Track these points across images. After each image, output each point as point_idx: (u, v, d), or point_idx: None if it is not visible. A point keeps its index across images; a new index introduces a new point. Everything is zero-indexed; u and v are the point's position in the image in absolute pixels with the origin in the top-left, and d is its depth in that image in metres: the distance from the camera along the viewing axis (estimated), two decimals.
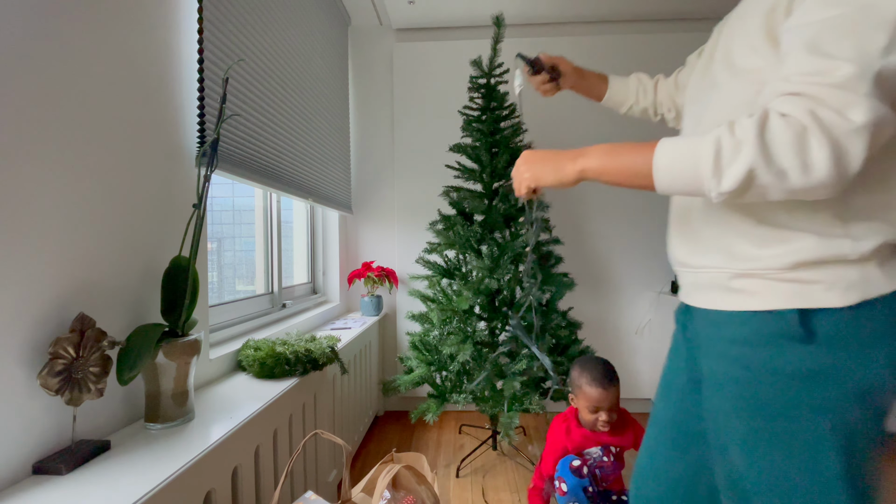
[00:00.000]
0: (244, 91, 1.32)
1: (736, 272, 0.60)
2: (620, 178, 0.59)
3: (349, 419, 1.78)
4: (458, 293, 1.78)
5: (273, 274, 1.83)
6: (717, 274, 0.62)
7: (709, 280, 0.64)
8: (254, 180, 1.35)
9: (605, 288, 2.47)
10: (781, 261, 0.56)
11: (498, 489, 1.71)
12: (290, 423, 1.15)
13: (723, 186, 0.50)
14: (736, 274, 0.60)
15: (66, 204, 0.75)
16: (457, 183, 2.49)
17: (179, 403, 0.88)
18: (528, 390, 1.65)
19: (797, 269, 0.55)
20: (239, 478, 0.89)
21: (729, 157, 0.49)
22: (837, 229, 0.54)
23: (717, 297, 0.63)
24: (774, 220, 0.57)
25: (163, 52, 0.98)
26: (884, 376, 0.52)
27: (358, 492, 0.98)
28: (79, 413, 0.77)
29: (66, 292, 0.74)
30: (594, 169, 0.61)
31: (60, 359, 0.68)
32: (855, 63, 0.44)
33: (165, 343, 0.85)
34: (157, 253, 0.96)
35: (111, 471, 0.69)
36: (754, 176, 0.48)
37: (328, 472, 1.46)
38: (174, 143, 1.02)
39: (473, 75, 1.90)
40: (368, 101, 2.57)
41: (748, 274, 0.59)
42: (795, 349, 0.54)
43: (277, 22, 1.57)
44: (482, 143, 1.88)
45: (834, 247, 0.53)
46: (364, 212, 2.58)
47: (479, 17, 2.42)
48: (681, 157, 0.53)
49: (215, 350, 1.26)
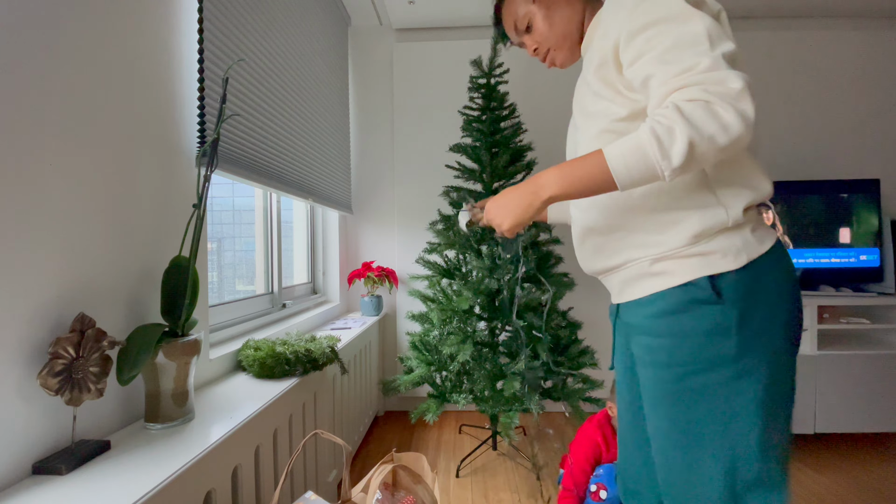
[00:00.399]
0: (244, 91, 1.32)
1: (653, 257, 0.71)
2: (583, 191, 0.67)
3: (349, 419, 1.78)
4: (458, 293, 1.78)
5: (273, 274, 1.83)
6: (640, 264, 0.73)
7: (635, 272, 0.75)
8: (254, 180, 1.35)
9: (605, 288, 2.47)
10: (680, 239, 0.68)
11: (498, 489, 1.71)
12: (290, 423, 1.15)
13: (673, 163, 0.59)
14: (653, 259, 0.71)
15: (66, 204, 0.75)
16: (457, 183, 2.49)
17: (179, 403, 0.88)
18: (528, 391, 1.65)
19: (696, 243, 0.68)
20: (239, 478, 0.89)
21: (668, 140, 0.58)
22: (711, 199, 0.68)
23: (644, 284, 0.74)
24: (664, 206, 0.70)
25: (163, 52, 0.98)
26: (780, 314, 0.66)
27: (358, 492, 0.98)
28: (79, 413, 0.77)
29: (66, 292, 0.74)
30: (558, 194, 0.68)
31: (60, 359, 0.68)
32: (706, 56, 0.58)
33: (165, 343, 0.85)
34: (157, 253, 0.96)
35: (111, 471, 0.69)
36: (694, 146, 0.58)
37: (328, 472, 1.46)
38: (174, 143, 1.02)
39: (473, 75, 1.90)
40: (368, 101, 2.57)
41: (662, 257, 0.70)
42: (709, 310, 0.66)
43: (277, 22, 1.57)
44: (482, 143, 1.88)
45: (713, 216, 0.67)
46: (364, 212, 2.58)
47: (479, 17, 2.42)
48: (628, 153, 0.61)
49: (215, 350, 1.26)
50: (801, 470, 1.85)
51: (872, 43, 2.44)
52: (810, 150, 2.47)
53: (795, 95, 2.47)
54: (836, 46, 2.45)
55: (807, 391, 2.02)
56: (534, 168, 1.96)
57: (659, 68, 0.62)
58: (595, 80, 0.74)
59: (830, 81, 2.46)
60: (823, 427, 2.01)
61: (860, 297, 2.08)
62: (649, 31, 0.63)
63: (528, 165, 1.91)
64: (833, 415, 2.02)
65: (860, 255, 2.18)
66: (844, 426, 2.02)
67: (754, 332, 0.65)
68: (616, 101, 0.72)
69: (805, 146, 2.47)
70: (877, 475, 1.80)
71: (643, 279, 0.74)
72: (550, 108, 2.45)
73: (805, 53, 2.46)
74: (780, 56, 2.46)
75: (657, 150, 0.59)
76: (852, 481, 1.75)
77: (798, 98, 2.47)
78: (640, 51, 0.64)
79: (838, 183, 2.21)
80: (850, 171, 2.45)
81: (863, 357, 2.02)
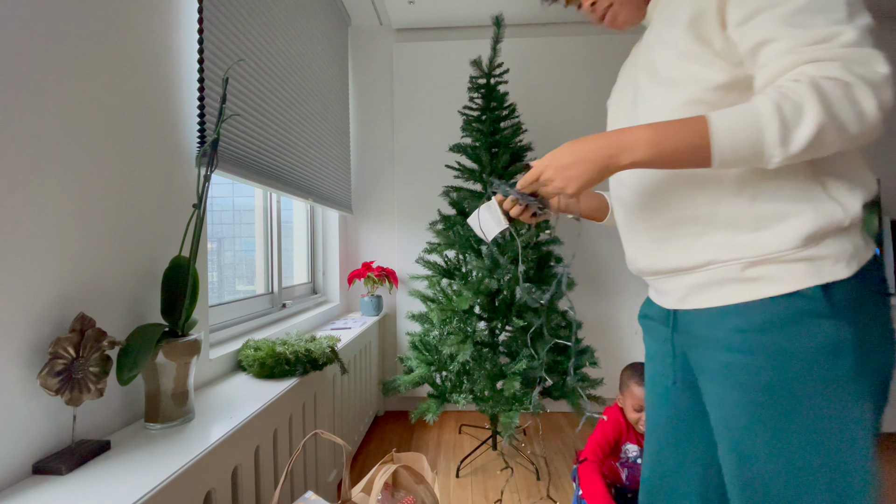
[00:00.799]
0: (244, 91, 1.32)
1: (748, 261, 0.60)
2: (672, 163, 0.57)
3: (349, 419, 1.78)
4: (458, 293, 1.78)
5: (273, 274, 1.83)
6: (728, 267, 0.62)
7: (718, 276, 0.63)
8: (254, 180, 1.35)
9: (605, 288, 2.47)
10: (789, 240, 0.57)
11: (498, 489, 1.71)
12: (290, 423, 1.15)
13: (791, 148, 0.51)
14: (748, 263, 0.60)
15: (66, 204, 0.75)
16: (457, 183, 2.49)
17: (179, 403, 0.88)
18: (527, 390, 1.65)
19: (807, 246, 0.57)
20: (239, 478, 0.89)
21: (794, 118, 0.50)
22: (821, 192, 0.57)
23: (730, 291, 0.62)
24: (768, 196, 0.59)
25: (163, 52, 0.98)
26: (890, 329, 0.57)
27: (358, 492, 0.98)
28: (79, 413, 0.77)
29: (66, 292, 0.74)
30: (645, 160, 0.58)
31: (60, 359, 0.68)
32: (848, 27, 0.50)
33: (165, 343, 0.85)
34: (157, 253, 0.96)
35: (111, 471, 0.69)
36: (823, 132, 0.50)
37: (328, 472, 1.46)
38: (174, 143, 1.02)
39: (473, 75, 1.90)
40: (368, 101, 2.57)
41: (761, 261, 0.59)
42: (821, 325, 0.56)
43: (277, 22, 1.57)
44: (482, 143, 1.88)
45: (828, 214, 0.56)
46: (364, 212, 2.58)
47: (479, 17, 2.42)
48: (740, 127, 0.53)
49: (215, 350, 1.26)
50: None
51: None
52: None
53: None
54: None
55: None
56: None
57: (785, 31, 0.52)
58: (685, 38, 0.61)
59: None
60: None
61: None
62: None
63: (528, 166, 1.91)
64: None
65: None
66: None
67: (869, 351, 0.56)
68: (715, 64, 0.59)
69: None
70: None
71: (729, 285, 0.62)
72: (550, 109, 2.45)
73: None
74: None
75: (777, 130, 0.50)
76: None
77: None
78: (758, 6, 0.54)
79: None
80: None
81: None
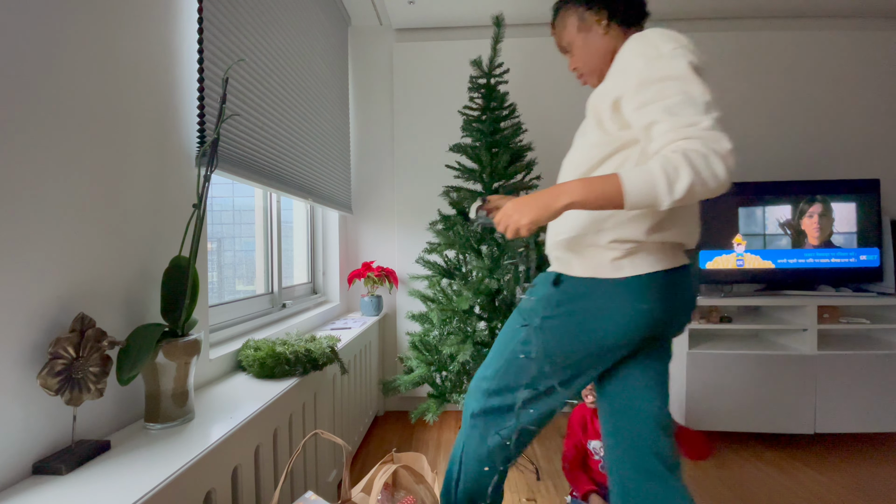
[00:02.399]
0: (244, 91, 1.32)
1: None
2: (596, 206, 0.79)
3: (349, 419, 1.78)
4: (458, 293, 1.78)
5: (273, 274, 1.83)
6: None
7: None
8: (254, 180, 1.35)
9: None
10: (557, 240, 0.93)
11: None
12: (290, 423, 1.15)
13: (674, 196, 0.73)
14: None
15: (66, 204, 0.75)
16: (457, 183, 2.49)
17: (179, 403, 0.88)
18: None
19: (558, 249, 0.93)
20: (239, 478, 0.89)
21: (674, 178, 0.72)
22: (593, 227, 0.88)
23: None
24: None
25: (163, 52, 0.98)
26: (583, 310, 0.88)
27: (358, 492, 0.98)
28: (79, 413, 0.77)
29: (66, 292, 0.74)
30: (577, 202, 0.79)
31: (60, 359, 0.68)
32: (706, 117, 0.73)
33: (165, 343, 0.85)
34: (157, 253, 0.96)
35: (111, 471, 0.69)
36: (694, 186, 0.71)
37: (328, 472, 1.46)
38: (174, 143, 1.02)
39: (473, 75, 1.90)
40: (368, 101, 2.57)
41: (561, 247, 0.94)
42: (550, 288, 0.92)
43: (277, 22, 1.57)
44: (482, 143, 1.88)
45: (587, 238, 0.88)
46: (364, 212, 2.58)
47: (479, 17, 2.42)
48: (641, 182, 0.74)
49: (215, 350, 1.26)
50: (801, 470, 1.85)
51: (872, 43, 2.44)
52: (811, 151, 2.47)
53: (796, 96, 2.47)
54: (836, 47, 2.45)
55: (807, 391, 2.02)
56: (533, 168, 1.96)
57: (666, 117, 0.75)
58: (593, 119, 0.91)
59: (831, 82, 2.46)
60: (823, 427, 2.01)
61: (860, 297, 2.08)
62: (661, 84, 0.76)
63: (528, 165, 1.91)
64: (833, 415, 2.01)
65: (860, 255, 2.18)
66: (844, 426, 2.02)
67: (559, 309, 0.94)
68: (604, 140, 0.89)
69: (805, 146, 2.47)
70: (877, 475, 1.80)
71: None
72: (550, 109, 2.45)
73: (805, 54, 2.46)
74: (780, 56, 2.46)
75: (665, 185, 0.72)
76: (852, 481, 1.75)
77: (799, 99, 2.47)
78: (649, 98, 0.77)
79: (838, 183, 2.21)
80: (850, 171, 2.45)
81: (863, 357, 2.01)
